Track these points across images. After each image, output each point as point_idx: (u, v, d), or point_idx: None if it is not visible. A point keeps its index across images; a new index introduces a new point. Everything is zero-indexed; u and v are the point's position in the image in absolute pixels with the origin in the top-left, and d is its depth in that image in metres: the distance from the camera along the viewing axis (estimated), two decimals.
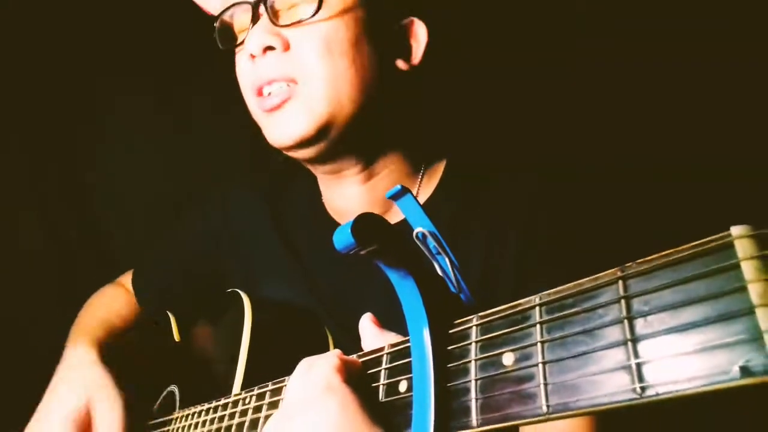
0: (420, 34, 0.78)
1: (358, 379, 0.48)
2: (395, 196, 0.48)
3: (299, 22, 0.70)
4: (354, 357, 0.50)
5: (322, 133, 0.72)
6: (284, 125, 0.72)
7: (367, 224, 0.42)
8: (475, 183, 0.81)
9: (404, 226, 0.49)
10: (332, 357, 0.47)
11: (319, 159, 0.77)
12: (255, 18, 0.72)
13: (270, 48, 0.71)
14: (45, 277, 1.41)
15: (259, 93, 0.73)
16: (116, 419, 0.81)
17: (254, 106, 0.76)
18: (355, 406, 0.43)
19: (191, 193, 1.41)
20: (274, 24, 0.71)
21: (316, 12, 0.69)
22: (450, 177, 0.83)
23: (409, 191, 0.48)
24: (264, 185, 0.95)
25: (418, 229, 0.47)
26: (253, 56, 0.72)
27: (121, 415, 0.81)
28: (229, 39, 0.78)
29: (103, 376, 0.84)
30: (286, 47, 0.71)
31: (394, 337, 0.50)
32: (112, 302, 1.03)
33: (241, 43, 0.75)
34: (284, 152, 0.77)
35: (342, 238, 0.41)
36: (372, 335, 0.52)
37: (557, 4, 1.30)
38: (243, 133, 0.79)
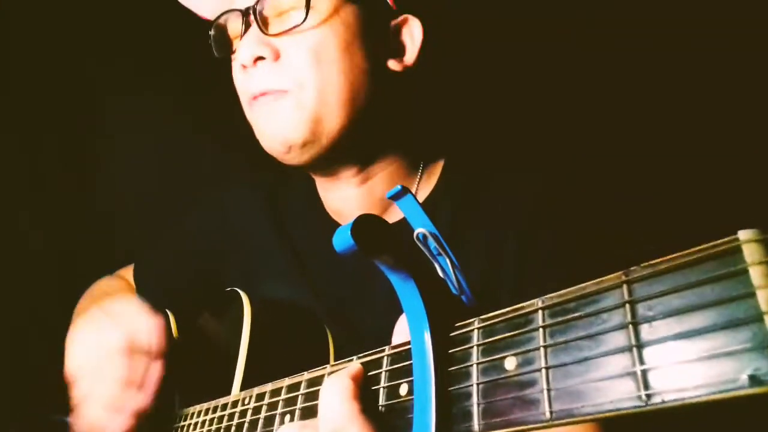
0: (415, 33, 0.77)
1: (363, 388, 0.46)
2: (395, 197, 0.47)
3: (288, 30, 0.70)
4: (355, 363, 0.49)
5: (313, 137, 0.72)
6: (276, 124, 0.72)
7: (367, 226, 0.41)
8: (474, 183, 0.80)
9: (403, 225, 0.48)
10: (345, 380, 0.44)
11: (314, 164, 0.77)
12: (246, 25, 0.72)
13: (260, 58, 0.71)
14: (45, 277, 1.41)
15: (253, 99, 0.74)
16: (157, 325, 0.75)
17: (249, 111, 0.76)
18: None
19: (192, 193, 1.40)
20: (264, 33, 0.71)
21: (305, 20, 0.69)
22: (448, 176, 0.82)
23: (410, 191, 0.47)
24: (264, 185, 0.95)
25: (419, 230, 0.46)
26: (244, 66, 0.72)
27: (159, 322, 0.75)
28: (224, 46, 0.78)
29: (109, 303, 0.79)
30: (277, 56, 0.71)
31: None
32: (114, 289, 1.03)
33: (232, 53, 0.76)
34: (280, 160, 0.77)
35: (342, 240, 0.41)
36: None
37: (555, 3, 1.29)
38: (243, 132, 0.78)
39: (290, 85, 0.71)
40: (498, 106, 1.29)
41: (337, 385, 0.43)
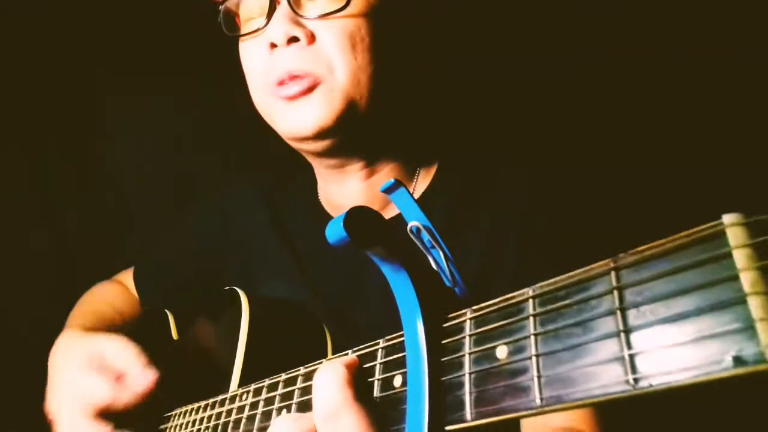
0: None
1: (358, 377, 0.47)
2: (389, 190, 0.48)
3: (327, 15, 0.68)
4: (351, 355, 0.50)
5: (340, 125, 0.70)
6: (304, 114, 0.70)
7: (359, 217, 0.41)
8: (471, 177, 0.81)
9: (400, 221, 0.49)
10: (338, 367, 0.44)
11: (329, 152, 0.76)
12: (272, 6, 0.69)
13: (294, 39, 0.69)
14: (45, 277, 1.42)
15: (279, 84, 0.70)
16: (132, 351, 0.76)
17: (267, 95, 0.73)
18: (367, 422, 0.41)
19: (192, 192, 1.41)
20: (297, 14, 0.68)
21: (345, 6, 0.67)
22: (445, 171, 0.83)
23: (403, 185, 0.47)
24: (263, 185, 0.95)
25: (412, 223, 0.46)
26: (273, 45, 0.69)
27: (133, 347, 0.77)
28: (235, 26, 0.75)
29: (96, 334, 0.81)
30: (311, 40, 0.69)
31: None
32: (107, 295, 1.04)
33: (260, 29, 0.71)
34: (293, 143, 0.76)
35: (334, 232, 0.41)
36: None
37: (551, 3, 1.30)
38: (243, 131, 0.78)
39: (322, 70, 0.69)
40: (491, 102, 1.29)
41: (330, 372, 0.43)
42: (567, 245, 0.73)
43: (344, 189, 0.83)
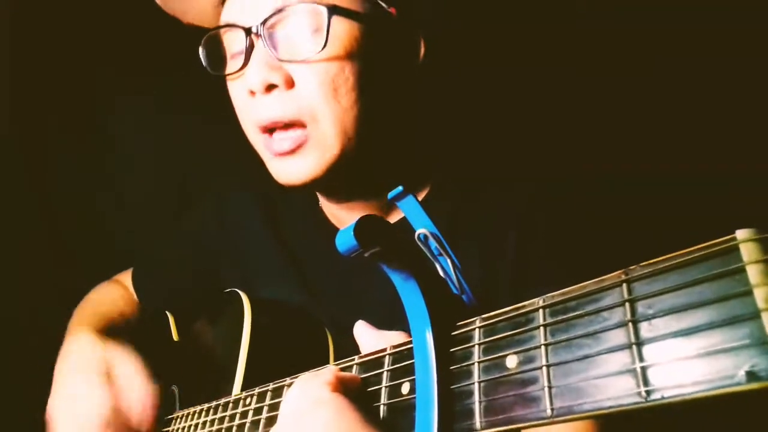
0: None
1: (358, 386, 0.47)
2: (396, 198, 0.48)
3: (305, 60, 0.64)
4: (353, 373, 0.50)
5: (331, 171, 0.69)
6: (294, 168, 0.69)
7: (369, 226, 0.42)
8: (470, 184, 0.81)
9: (403, 226, 0.49)
10: (326, 373, 0.47)
11: (322, 192, 0.77)
12: (250, 47, 0.66)
13: (273, 86, 0.66)
14: (45, 277, 1.41)
15: (264, 131, 0.69)
16: (142, 379, 0.79)
17: (259, 144, 0.72)
18: (351, 414, 0.42)
19: (191, 194, 1.41)
20: (274, 56, 0.65)
21: (324, 47, 0.63)
22: (444, 178, 0.82)
23: (410, 193, 0.48)
24: (262, 187, 0.94)
25: (420, 231, 0.47)
26: (253, 93, 0.67)
27: (144, 374, 0.79)
28: (219, 62, 0.72)
29: (110, 350, 0.82)
30: (290, 85, 0.66)
31: (395, 336, 0.50)
32: (110, 296, 1.03)
33: (237, 71, 0.68)
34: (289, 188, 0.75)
35: (345, 241, 0.41)
36: (370, 338, 0.52)
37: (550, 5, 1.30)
38: (243, 134, 0.78)
39: (306, 119, 0.66)
40: (489, 109, 1.29)
41: (320, 373, 0.46)
42: (566, 254, 0.73)
43: (343, 209, 0.83)
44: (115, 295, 1.04)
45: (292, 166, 0.69)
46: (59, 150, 1.51)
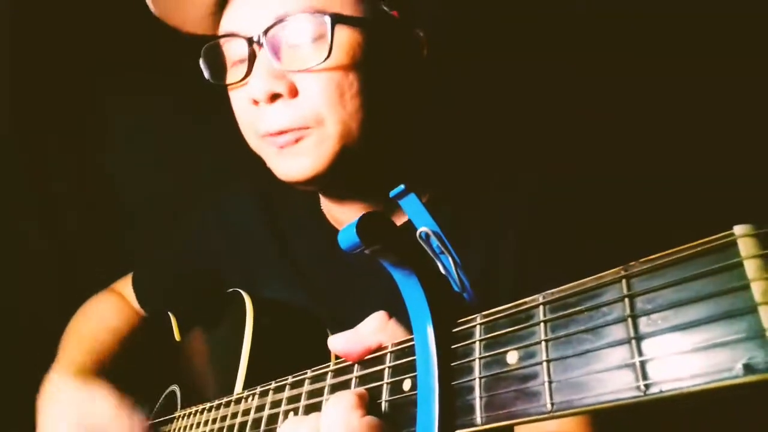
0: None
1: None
2: (398, 196, 0.48)
3: (309, 69, 0.64)
4: (354, 374, 0.50)
5: (334, 169, 0.69)
6: (297, 162, 0.69)
7: (371, 223, 0.42)
8: (471, 183, 0.81)
9: (407, 227, 0.49)
10: (347, 396, 0.44)
11: (324, 191, 0.77)
12: (252, 56, 0.66)
13: (277, 96, 0.66)
14: (45, 277, 1.41)
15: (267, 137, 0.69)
16: (123, 416, 0.80)
17: (257, 139, 0.72)
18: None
19: (192, 194, 1.41)
20: (278, 65, 0.65)
21: (328, 56, 0.63)
22: (446, 179, 0.83)
23: (412, 191, 0.48)
24: (262, 188, 0.95)
25: (422, 229, 0.47)
26: (256, 102, 0.67)
27: (125, 408, 0.81)
28: (220, 71, 0.72)
29: (88, 391, 0.84)
30: (294, 94, 0.66)
31: (398, 331, 0.49)
32: (101, 314, 1.03)
33: (239, 81, 0.68)
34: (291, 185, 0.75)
35: (347, 238, 0.41)
36: (348, 342, 0.50)
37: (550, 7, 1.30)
38: (242, 135, 0.78)
39: (311, 121, 0.66)
40: (488, 109, 1.30)
41: (340, 398, 0.44)
42: (567, 251, 0.73)
43: (345, 210, 0.83)
44: (106, 311, 1.03)
45: (294, 163, 0.69)
46: (59, 150, 1.51)
